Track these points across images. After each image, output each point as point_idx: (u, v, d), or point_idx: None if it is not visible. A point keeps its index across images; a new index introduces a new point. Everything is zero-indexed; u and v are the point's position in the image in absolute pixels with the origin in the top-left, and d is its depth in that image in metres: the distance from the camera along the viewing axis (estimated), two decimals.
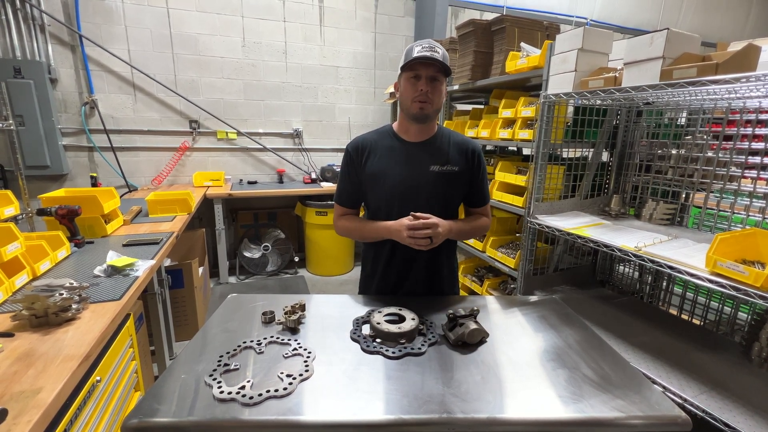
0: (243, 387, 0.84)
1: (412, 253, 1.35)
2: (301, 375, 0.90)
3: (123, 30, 3.52)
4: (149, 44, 3.62)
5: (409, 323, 1.08)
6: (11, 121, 2.21)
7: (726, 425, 1.14)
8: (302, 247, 4.42)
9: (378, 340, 1.05)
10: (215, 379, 0.87)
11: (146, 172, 3.87)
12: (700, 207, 1.82)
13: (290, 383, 0.86)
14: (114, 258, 1.66)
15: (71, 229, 1.91)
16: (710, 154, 1.78)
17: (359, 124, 4.46)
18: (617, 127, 2.11)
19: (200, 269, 2.95)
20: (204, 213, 3.91)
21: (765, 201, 1.61)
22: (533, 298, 1.43)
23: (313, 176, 4.19)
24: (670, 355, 1.47)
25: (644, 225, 1.85)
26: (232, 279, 3.97)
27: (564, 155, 2.04)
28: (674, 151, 1.92)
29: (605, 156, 2.19)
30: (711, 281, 1.17)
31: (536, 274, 2.10)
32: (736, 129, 1.69)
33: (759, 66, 1.17)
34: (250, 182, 4.15)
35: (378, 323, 1.08)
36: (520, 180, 2.16)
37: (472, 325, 1.04)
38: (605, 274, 2.30)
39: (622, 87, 1.43)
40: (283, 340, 1.05)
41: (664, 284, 2.09)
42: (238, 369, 0.92)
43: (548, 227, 1.79)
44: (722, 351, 1.50)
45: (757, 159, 1.62)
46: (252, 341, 1.03)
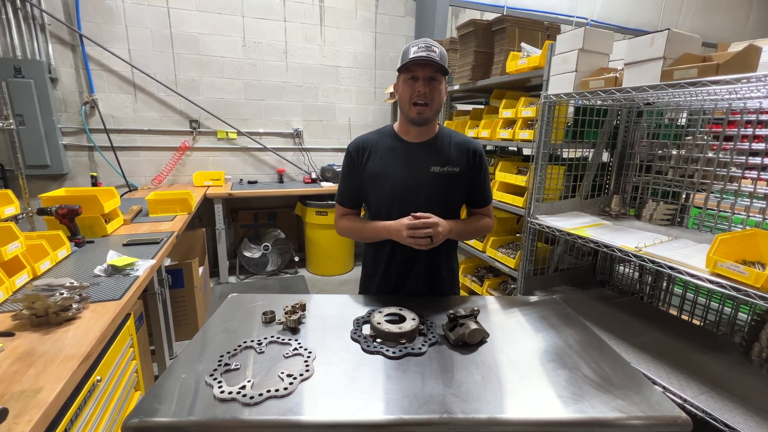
0: (243, 387, 0.84)
1: (413, 254, 1.35)
2: (302, 375, 0.90)
3: (123, 29, 3.52)
4: (149, 44, 3.62)
5: (410, 323, 1.08)
6: (11, 121, 2.21)
7: (726, 426, 1.14)
8: (302, 247, 4.42)
9: (378, 340, 1.05)
10: (216, 379, 0.87)
11: (146, 172, 3.87)
12: (701, 207, 1.82)
13: (291, 383, 0.86)
14: (114, 257, 1.66)
15: (71, 229, 1.91)
16: (711, 155, 1.78)
17: (359, 124, 4.47)
18: (617, 128, 2.11)
19: (200, 269, 2.95)
20: (204, 213, 3.91)
21: (765, 202, 1.61)
22: (533, 299, 1.43)
23: (314, 176, 4.19)
24: (671, 356, 1.47)
25: (644, 225, 1.85)
26: (232, 279, 3.97)
27: (564, 155, 2.04)
28: (674, 152, 1.92)
29: (605, 156, 2.19)
30: (711, 282, 1.17)
31: (536, 275, 2.10)
32: (737, 129, 1.69)
33: (759, 67, 1.17)
34: (251, 182, 4.15)
35: (378, 323, 1.08)
36: (521, 180, 2.16)
37: (473, 326, 1.04)
38: (605, 275, 2.30)
39: (623, 87, 1.43)
40: (284, 340, 1.05)
41: (665, 285, 2.09)
42: (239, 369, 0.92)
43: (548, 227, 1.79)
44: (722, 351, 1.51)
45: (758, 160, 1.62)
46: (252, 341, 1.03)
